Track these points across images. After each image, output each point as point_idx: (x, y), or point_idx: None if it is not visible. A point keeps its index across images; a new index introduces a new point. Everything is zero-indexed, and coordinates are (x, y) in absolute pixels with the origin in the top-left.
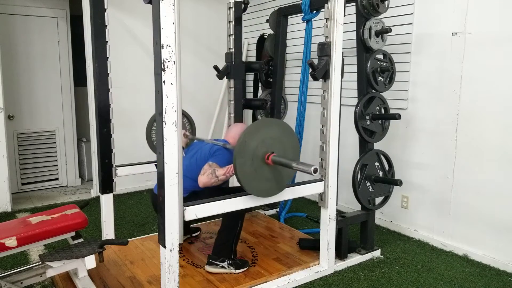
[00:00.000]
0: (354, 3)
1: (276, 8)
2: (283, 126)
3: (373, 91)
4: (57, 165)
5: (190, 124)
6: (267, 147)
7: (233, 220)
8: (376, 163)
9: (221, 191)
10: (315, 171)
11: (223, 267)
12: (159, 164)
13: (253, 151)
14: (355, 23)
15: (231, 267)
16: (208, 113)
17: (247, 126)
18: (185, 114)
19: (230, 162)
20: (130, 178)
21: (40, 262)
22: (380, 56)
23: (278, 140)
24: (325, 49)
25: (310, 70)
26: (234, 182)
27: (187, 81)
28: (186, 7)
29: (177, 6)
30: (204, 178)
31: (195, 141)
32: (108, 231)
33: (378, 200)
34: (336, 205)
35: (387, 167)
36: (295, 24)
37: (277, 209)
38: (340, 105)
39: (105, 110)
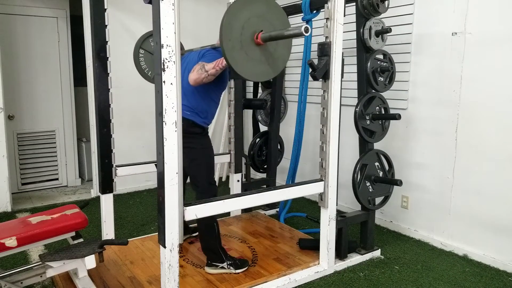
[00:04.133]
0: (354, 3)
1: None
2: (267, 1)
3: (373, 91)
4: (57, 165)
5: None
6: (254, 27)
7: (207, 225)
8: (376, 163)
9: None
10: (306, 30)
11: (223, 267)
12: (159, 164)
13: (240, 33)
14: (355, 23)
15: (231, 267)
16: None
17: (228, 7)
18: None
19: None
20: (130, 178)
21: (40, 262)
22: (380, 56)
23: (265, 18)
24: (325, 49)
25: (310, 70)
26: (234, 182)
27: None
28: (185, 7)
29: (177, 6)
30: (194, 75)
31: (185, 54)
32: (108, 231)
33: (378, 200)
34: (336, 205)
35: (387, 167)
36: (295, 24)
37: (277, 209)
38: (340, 105)
39: (105, 110)
